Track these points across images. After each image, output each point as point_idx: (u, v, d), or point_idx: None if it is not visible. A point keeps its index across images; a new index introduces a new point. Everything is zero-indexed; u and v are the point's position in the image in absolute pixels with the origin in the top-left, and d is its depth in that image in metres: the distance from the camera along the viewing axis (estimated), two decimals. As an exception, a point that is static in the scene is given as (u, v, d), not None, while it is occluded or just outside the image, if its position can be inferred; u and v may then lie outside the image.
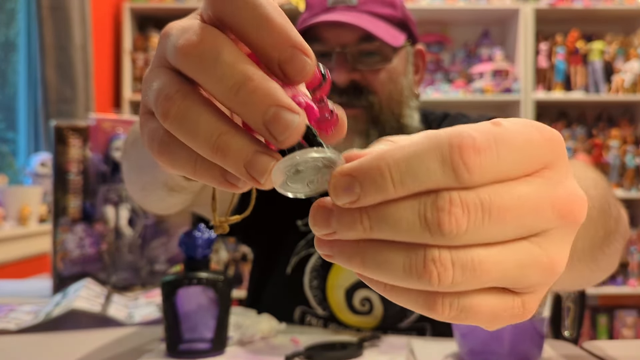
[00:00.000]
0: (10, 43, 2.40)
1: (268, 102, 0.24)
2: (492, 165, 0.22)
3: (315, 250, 0.78)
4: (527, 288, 0.26)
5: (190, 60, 0.25)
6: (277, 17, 0.26)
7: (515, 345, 0.55)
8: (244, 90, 0.24)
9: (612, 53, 2.99)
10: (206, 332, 0.62)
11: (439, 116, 0.91)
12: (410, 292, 0.23)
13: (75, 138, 0.97)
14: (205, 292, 0.61)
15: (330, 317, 0.81)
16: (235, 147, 0.24)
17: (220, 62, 0.25)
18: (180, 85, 0.26)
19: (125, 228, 1.00)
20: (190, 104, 0.25)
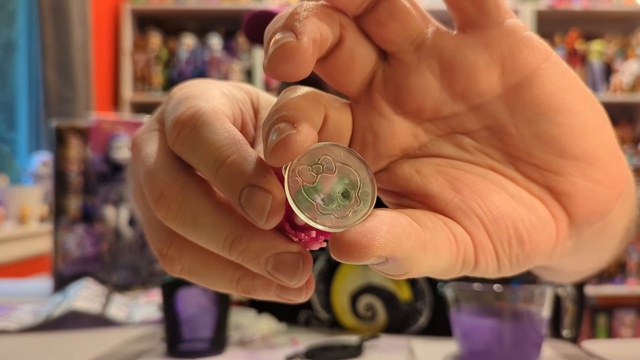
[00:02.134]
0: (11, 43, 2.40)
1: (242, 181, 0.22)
2: None
3: (321, 254, 0.78)
4: None
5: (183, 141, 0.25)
6: (231, 153, 0.22)
7: (515, 345, 0.56)
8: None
9: (611, 53, 2.99)
10: (206, 332, 0.62)
11: None
12: None
13: (75, 138, 0.97)
14: (205, 292, 0.61)
15: (333, 322, 0.81)
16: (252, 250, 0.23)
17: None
18: (179, 174, 0.25)
19: (125, 228, 1.00)
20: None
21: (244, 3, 2.94)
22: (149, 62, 2.91)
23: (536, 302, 0.57)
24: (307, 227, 0.23)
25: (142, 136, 0.27)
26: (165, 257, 0.26)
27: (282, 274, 0.22)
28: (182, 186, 0.24)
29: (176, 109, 0.25)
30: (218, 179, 0.22)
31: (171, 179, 0.24)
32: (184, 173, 0.25)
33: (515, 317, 0.56)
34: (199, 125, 0.24)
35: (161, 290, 0.61)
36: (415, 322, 0.78)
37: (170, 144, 0.25)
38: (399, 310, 0.78)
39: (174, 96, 0.27)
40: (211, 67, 2.92)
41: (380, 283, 0.79)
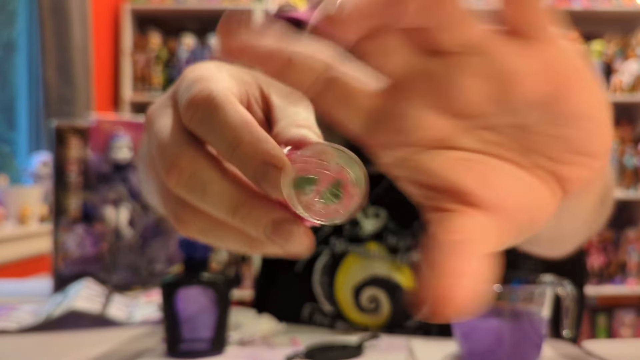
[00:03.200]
0: (11, 44, 2.40)
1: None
2: None
3: (324, 249, 0.80)
4: None
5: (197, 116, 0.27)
6: (246, 135, 0.26)
7: (515, 345, 0.56)
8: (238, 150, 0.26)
9: (611, 53, 2.99)
10: (206, 332, 0.62)
11: None
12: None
13: (75, 138, 0.97)
14: (205, 292, 0.61)
15: (337, 315, 0.82)
16: (253, 217, 0.26)
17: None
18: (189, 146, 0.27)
19: (125, 228, 1.00)
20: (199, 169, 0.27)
21: (244, 3, 2.94)
22: (149, 62, 2.91)
23: (536, 302, 0.57)
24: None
25: (156, 112, 0.30)
26: (180, 219, 0.28)
27: (280, 237, 0.26)
28: (192, 158, 0.27)
29: (189, 90, 0.27)
30: (235, 158, 0.25)
31: (182, 151, 0.27)
32: (194, 146, 0.27)
33: (515, 317, 0.56)
34: (212, 108, 0.26)
35: (161, 290, 0.61)
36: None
37: (186, 123, 0.27)
38: (403, 299, 0.80)
39: (186, 77, 0.29)
40: (211, 67, 2.92)
41: (385, 274, 0.81)
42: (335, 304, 0.82)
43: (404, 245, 0.85)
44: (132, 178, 1.00)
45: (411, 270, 0.81)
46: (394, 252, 0.85)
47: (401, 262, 0.84)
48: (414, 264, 0.83)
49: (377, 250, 0.85)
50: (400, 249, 0.85)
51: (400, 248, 0.85)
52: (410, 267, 0.83)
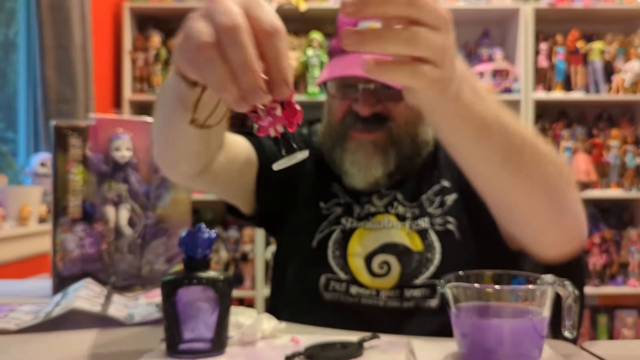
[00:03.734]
0: (10, 43, 2.40)
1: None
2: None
3: (337, 226, 0.95)
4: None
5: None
6: (283, 61, 0.48)
7: (515, 345, 0.55)
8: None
9: (613, 53, 2.98)
10: (206, 332, 0.62)
11: None
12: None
13: (75, 138, 0.97)
14: (206, 291, 0.61)
15: (351, 280, 0.91)
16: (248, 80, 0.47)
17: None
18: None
19: (125, 228, 1.00)
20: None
21: (244, 3, 2.94)
22: (149, 61, 2.91)
23: (536, 302, 0.56)
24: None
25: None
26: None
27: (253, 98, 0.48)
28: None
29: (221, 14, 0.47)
30: (244, 72, 0.47)
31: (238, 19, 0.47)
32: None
33: (515, 317, 0.56)
34: (236, 39, 0.47)
35: (161, 289, 0.61)
36: (427, 269, 0.89)
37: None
38: (412, 260, 0.89)
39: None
40: (211, 67, 2.92)
41: (394, 240, 0.91)
42: (350, 272, 0.91)
43: (411, 214, 0.94)
44: (132, 178, 1.00)
45: (418, 236, 0.91)
46: (402, 220, 0.94)
47: (410, 228, 0.93)
48: (420, 231, 0.92)
49: (387, 219, 0.94)
50: (408, 218, 0.94)
51: (407, 217, 0.94)
52: (417, 233, 0.92)
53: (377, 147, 0.90)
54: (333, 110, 0.95)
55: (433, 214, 0.93)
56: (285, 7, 2.88)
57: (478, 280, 0.62)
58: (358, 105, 0.89)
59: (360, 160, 0.91)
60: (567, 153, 2.94)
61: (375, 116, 0.89)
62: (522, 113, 2.92)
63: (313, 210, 0.98)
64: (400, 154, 0.92)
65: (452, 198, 0.94)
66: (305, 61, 2.90)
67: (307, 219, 0.98)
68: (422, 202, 0.94)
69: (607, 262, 2.95)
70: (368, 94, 0.89)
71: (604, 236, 2.97)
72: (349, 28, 0.47)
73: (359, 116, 0.89)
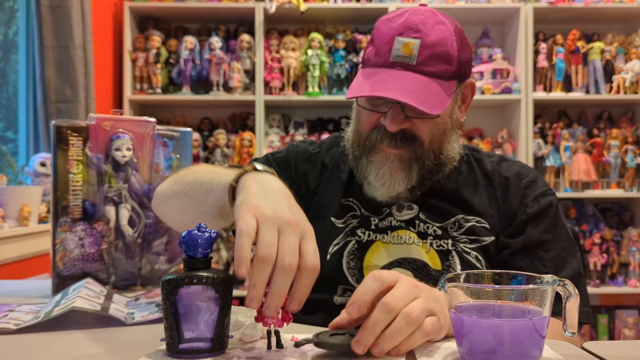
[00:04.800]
0: (10, 42, 2.40)
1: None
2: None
3: (352, 238, 0.98)
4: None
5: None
6: (305, 295, 0.63)
7: (515, 345, 0.55)
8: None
9: (613, 52, 2.98)
10: (206, 331, 0.62)
11: (494, 160, 1.03)
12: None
13: (75, 138, 0.97)
14: (206, 291, 0.61)
15: None
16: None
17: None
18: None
19: (125, 228, 1.00)
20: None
21: (244, 2, 2.94)
22: (149, 61, 2.91)
23: (536, 302, 0.56)
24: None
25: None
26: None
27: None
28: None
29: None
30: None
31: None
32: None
33: (515, 316, 0.56)
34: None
35: (161, 289, 0.61)
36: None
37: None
38: (430, 277, 0.90)
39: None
40: (212, 67, 2.92)
41: (413, 256, 0.92)
42: None
43: (434, 234, 0.95)
44: (132, 178, 1.00)
45: (438, 256, 0.93)
46: (423, 238, 0.94)
47: (430, 246, 0.93)
48: (442, 251, 0.93)
49: (408, 235, 0.95)
50: (430, 236, 0.95)
51: (430, 235, 0.95)
52: (438, 252, 0.93)
53: (402, 162, 0.92)
54: (362, 120, 0.96)
55: (457, 238, 0.94)
56: (285, 7, 2.88)
57: (478, 280, 0.62)
58: (386, 120, 0.90)
59: (385, 175, 0.92)
60: (567, 153, 2.94)
61: (402, 132, 0.91)
62: (522, 113, 2.92)
63: (326, 225, 0.99)
64: (423, 169, 0.93)
65: (480, 227, 0.94)
66: (305, 61, 2.90)
67: (320, 232, 0.98)
68: (447, 225, 0.95)
69: (607, 262, 2.95)
70: (397, 111, 0.89)
71: (604, 236, 2.97)
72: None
73: (386, 131, 0.90)
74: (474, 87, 1.00)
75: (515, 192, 0.96)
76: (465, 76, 0.95)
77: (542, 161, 3.00)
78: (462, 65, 0.91)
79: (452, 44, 0.90)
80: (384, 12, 2.93)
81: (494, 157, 1.03)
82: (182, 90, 2.95)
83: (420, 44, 0.88)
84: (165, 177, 1.03)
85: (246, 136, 2.90)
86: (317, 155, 1.07)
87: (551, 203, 0.96)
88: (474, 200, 0.96)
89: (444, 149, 0.95)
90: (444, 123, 0.93)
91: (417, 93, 0.87)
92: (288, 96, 2.93)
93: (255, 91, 2.92)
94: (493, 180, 0.98)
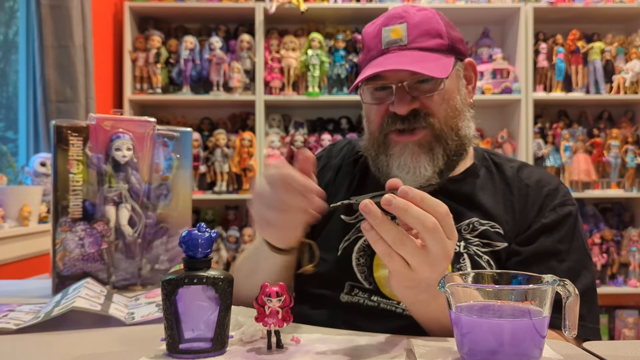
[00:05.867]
0: (10, 42, 2.40)
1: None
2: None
3: (362, 235, 0.90)
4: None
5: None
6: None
7: (516, 345, 0.55)
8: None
9: (613, 52, 2.98)
10: (206, 331, 0.62)
11: (515, 166, 1.00)
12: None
13: (75, 138, 0.97)
14: (206, 291, 0.61)
15: (375, 291, 0.91)
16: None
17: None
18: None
19: (125, 228, 1.00)
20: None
21: (244, 2, 2.94)
22: (149, 61, 2.91)
23: (537, 302, 0.56)
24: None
25: None
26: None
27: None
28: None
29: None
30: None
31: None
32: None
33: (515, 316, 0.56)
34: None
35: (161, 288, 0.61)
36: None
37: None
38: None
39: None
40: (212, 67, 2.92)
41: None
42: (374, 283, 0.91)
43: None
44: (132, 178, 1.00)
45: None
46: None
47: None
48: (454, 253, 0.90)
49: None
50: None
51: None
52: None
53: (422, 147, 0.90)
54: (371, 117, 0.95)
55: (470, 241, 0.91)
56: (285, 7, 2.88)
57: (478, 280, 0.62)
58: (394, 105, 0.89)
59: (407, 163, 0.91)
60: (567, 153, 2.94)
61: (413, 113, 0.89)
62: (522, 113, 2.92)
63: (336, 223, 0.99)
64: (447, 148, 0.91)
65: (493, 232, 0.92)
66: (305, 61, 2.90)
67: (331, 229, 0.99)
68: (461, 227, 0.92)
69: (607, 262, 2.95)
70: (402, 92, 0.89)
71: (604, 236, 2.97)
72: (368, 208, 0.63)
73: (397, 116, 0.89)
74: (474, 66, 0.99)
75: (534, 200, 0.94)
76: (462, 54, 0.94)
77: (542, 161, 3.00)
78: (454, 40, 0.91)
79: (437, 21, 0.91)
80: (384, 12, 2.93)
81: (515, 163, 1.01)
82: (182, 90, 2.95)
83: (407, 26, 0.90)
84: (165, 177, 1.03)
85: (246, 136, 2.90)
86: (330, 155, 1.08)
87: (570, 213, 0.93)
88: (490, 205, 0.94)
89: (461, 127, 0.93)
90: (452, 99, 0.92)
91: (417, 62, 0.87)
92: (288, 96, 2.93)
93: (255, 91, 2.92)
94: (512, 186, 0.96)
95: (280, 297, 0.62)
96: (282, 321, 0.63)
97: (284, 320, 0.63)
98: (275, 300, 0.62)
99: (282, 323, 0.63)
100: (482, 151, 1.02)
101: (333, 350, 0.64)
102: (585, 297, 0.87)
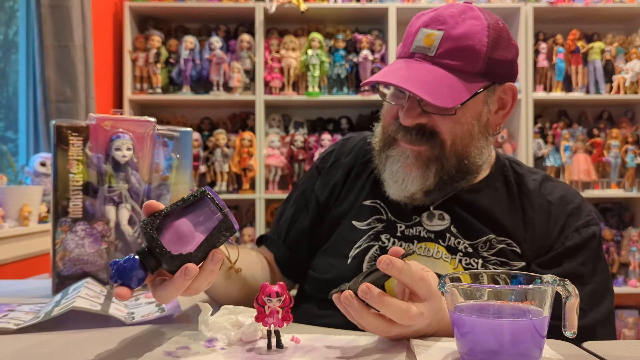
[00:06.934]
0: (10, 42, 2.40)
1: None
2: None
3: (376, 243, 0.94)
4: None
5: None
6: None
7: (515, 345, 0.55)
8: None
9: (613, 52, 2.98)
10: (188, 246, 0.62)
11: (538, 179, 0.96)
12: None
13: (75, 138, 0.97)
14: (213, 215, 0.62)
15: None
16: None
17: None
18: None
19: (125, 228, 1.00)
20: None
21: (244, 2, 2.94)
22: (149, 61, 2.91)
23: (537, 302, 0.56)
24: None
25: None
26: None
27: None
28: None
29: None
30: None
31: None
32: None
33: (515, 316, 0.56)
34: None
35: (191, 194, 0.63)
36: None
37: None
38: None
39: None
40: (212, 67, 2.92)
41: (440, 272, 0.87)
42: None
43: (464, 250, 0.89)
44: (132, 178, 1.00)
45: (465, 271, 0.87)
46: (452, 253, 0.89)
47: (459, 263, 0.88)
48: (469, 269, 0.87)
49: (437, 249, 0.90)
50: (460, 252, 0.89)
51: (460, 251, 0.89)
52: (465, 270, 0.87)
53: (419, 160, 0.87)
54: (384, 114, 0.93)
55: (488, 259, 0.88)
56: (285, 7, 2.88)
57: (478, 280, 0.62)
58: (401, 115, 0.86)
59: (398, 172, 0.88)
60: (567, 153, 2.94)
61: (419, 128, 0.86)
62: (522, 113, 2.92)
63: (347, 229, 0.97)
64: (442, 171, 0.88)
65: (510, 251, 0.89)
66: (305, 61, 2.90)
67: (342, 236, 0.97)
68: (479, 244, 0.89)
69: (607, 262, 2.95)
70: (413, 104, 0.85)
71: (604, 236, 2.97)
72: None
73: (402, 126, 0.87)
74: (515, 92, 0.92)
75: (556, 218, 0.90)
76: (500, 77, 0.88)
77: (542, 161, 3.00)
78: (492, 64, 0.85)
79: (480, 39, 0.84)
80: (384, 12, 2.94)
81: (538, 175, 0.96)
82: (182, 90, 2.95)
83: (443, 36, 0.84)
84: (165, 177, 1.03)
85: (246, 136, 2.90)
86: (339, 155, 1.06)
87: (594, 235, 0.89)
88: (508, 222, 0.90)
89: (470, 153, 0.88)
90: (468, 124, 0.87)
91: (426, 83, 0.82)
92: (288, 96, 2.93)
93: (255, 91, 2.92)
94: (533, 201, 0.91)
95: (280, 297, 0.63)
96: (282, 321, 0.64)
97: (284, 320, 0.64)
98: (275, 300, 0.63)
99: (282, 323, 0.64)
100: (504, 159, 0.99)
101: (333, 350, 0.64)
102: (607, 322, 0.86)
